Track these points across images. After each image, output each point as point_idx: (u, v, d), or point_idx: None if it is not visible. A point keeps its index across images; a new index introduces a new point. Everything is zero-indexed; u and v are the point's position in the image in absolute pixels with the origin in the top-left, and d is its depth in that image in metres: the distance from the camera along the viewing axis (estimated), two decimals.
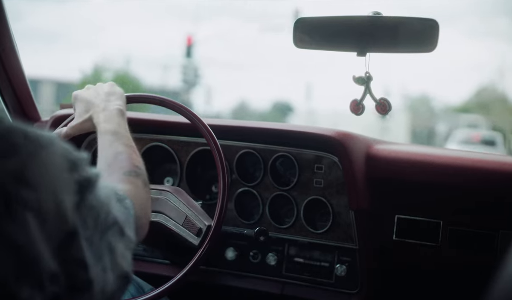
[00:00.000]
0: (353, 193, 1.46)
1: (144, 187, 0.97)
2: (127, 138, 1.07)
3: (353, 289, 1.52)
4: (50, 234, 0.63)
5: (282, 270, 1.59)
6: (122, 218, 0.79)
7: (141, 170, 0.99)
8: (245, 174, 1.61)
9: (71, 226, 0.66)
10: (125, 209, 0.83)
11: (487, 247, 1.42)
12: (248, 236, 1.48)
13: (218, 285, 1.63)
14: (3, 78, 1.69)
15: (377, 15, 1.19)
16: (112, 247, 0.74)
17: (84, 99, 1.18)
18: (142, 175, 0.98)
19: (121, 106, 1.14)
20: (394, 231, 1.50)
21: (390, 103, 1.29)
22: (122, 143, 1.04)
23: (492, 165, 1.44)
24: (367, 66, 1.25)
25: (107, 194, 0.78)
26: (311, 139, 1.52)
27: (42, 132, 0.68)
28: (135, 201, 0.89)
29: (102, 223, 0.73)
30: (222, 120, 1.63)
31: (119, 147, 1.03)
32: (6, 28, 1.65)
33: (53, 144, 0.68)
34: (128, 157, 1.00)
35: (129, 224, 0.82)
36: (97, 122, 1.11)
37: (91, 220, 0.70)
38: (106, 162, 1.00)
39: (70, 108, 1.68)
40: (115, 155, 1.01)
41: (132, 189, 0.93)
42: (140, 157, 1.04)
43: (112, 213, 0.76)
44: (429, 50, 1.19)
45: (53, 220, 0.63)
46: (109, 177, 0.95)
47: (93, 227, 0.70)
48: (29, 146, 0.64)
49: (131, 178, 0.95)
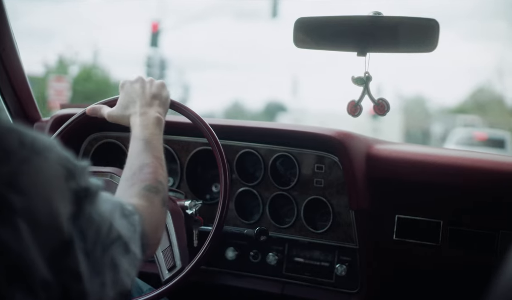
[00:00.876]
0: (354, 192, 1.46)
1: (161, 205, 0.95)
2: (158, 150, 1.05)
3: (353, 289, 1.53)
4: (43, 242, 0.62)
5: (282, 270, 1.59)
6: (127, 234, 0.78)
7: (162, 186, 0.97)
8: (245, 174, 1.61)
9: (67, 236, 0.64)
10: (131, 225, 0.81)
11: (487, 247, 1.42)
12: (248, 235, 1.48)
13: (218, 285, 1.64)
14: (3, 78, 1.69)
15: (377, 15, 1.19)
16: (115, 263, 0.73)
17: (129, 94, 1.16)
18: (162, 192, 0.96)
19: (161, 115, 1.13)
20: (394, 231, 1.50)
21: (388, 104, 1.29)
22: (151, 155, 1.02)
23: (492, 165, 1.44)
24: (367, 67, 1.25)
25: (111, 207, 0.76)
26: (312, 139, 1.52)
27: (40, 137, 0.67)
28: (147, 218, 0.88)
29: (104, 237, 0.72)
30: (222, 120, 1.63)
31: (147, 159, 1.01)
32: (6, 27, 1.65)
33: (49, 150, 0.66)
34: (153, 170, 0.99)
35: (135, 240, 0.80)
36: (133, 124, 1.10)
37: (91, 233, 0.69)
38: (131, 170, 0.99)
39: (70, 108, 1.69)
40: (141, 166, 0.99)
41: (147, 206, 0.91)
42: (166, 172, 1.02)
43: (115, 228, 0.74)
44: (430, 50, 1.19)
45: (47, 228, 0.62)
46: (129, 188, 0.94)
47: (93, 240, 0.69)
48: (23, 151, 0.63)
49: (150, 194, 0.94)
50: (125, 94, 1.17)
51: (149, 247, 0.88)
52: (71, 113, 1.57)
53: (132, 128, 1.10)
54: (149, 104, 1.13)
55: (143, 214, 0.87)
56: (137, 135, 1.07)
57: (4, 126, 0.65)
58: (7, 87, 1.72)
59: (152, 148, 1.04)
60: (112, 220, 0.74)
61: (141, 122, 1.09)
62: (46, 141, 0.67)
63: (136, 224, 0.83)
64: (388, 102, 1.29)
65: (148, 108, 1.12)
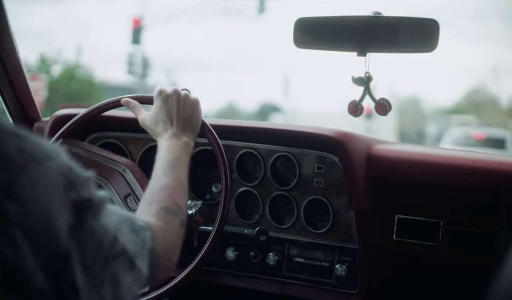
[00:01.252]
0: (353, 193, 1.46)
1: (178, 227, 0.94)
2: (182, 174, 1.05)
3: (353, 289, 1.53)
4: (40, 251, 0.61)
5: (282, 270, 1.59)
6: (134, 249, 0.75)
7: (181, 210, 0.97)
8: (245, 174, 1.61)
9: (64, 247, 0.63)
10: (140, 240, 0.79)
11: (487, 247, 1.42)
12: (248, 236, 1.48)
13: (218, 285, 1.64)
14: (3, 78, 1.69)
15: (378, 15, 1.19)
16: (116, 279, 0.70)
17: (163, 110, 1.17)
18: (180, 215, 0.96)
19: (190, 141, 1.13)
20: (394, 231, 1.50)
21: (390, 104, 1.29)
22: (174, 177, 1.02)
23: (492, 165, 1.45)
24: (367, 67, 1.25)
25: (117, 220, 0.74)
26: (312, 139, 1.52)
27: (42, 144, 0.65)
28: (161, 237, 0.86)
29: (106, 251, 0.70)
30: (222, 120, 1.63)
31: (169, 181, 1.01)
32: (6, 28, 1.65)
33: (50, 159, 0.64)
34: (172, 193, 0.98)
35: (142, 256, 0.78)
36: (160, 146, 1.11)
37: (91, 245, 0.67)
38: (151, 191, 0.99)
39: (70, 108, 1.68)
40: (162, 187, 0.99)
41: (164, 226, 0.90)
42: (187, 196, 1.02)
43: (120, 242, 0.72)
44: (430, 50, 1.19)
45: (44, 238, 0.61)
46: (146, 207, 0.94)
47: (94, 253, 0.67)
48: (22, 158, 0.62)
49: (167, 215, 0.93)
50: (159, 109, 1.17)
51: (162, 269, 0.86)
52: (71, 113, 1.58)
53: (159, 149, 1.10)
54: (180, 128, 1.14)
55: (157, 232, 0.85)
56: (162, 158, 1.07)
57: (4, 130, 0.63)
58: (7, 88, 1.72)
59: (176, 171, 1.04)
60: (118, 234, 0.72)
61: (168, 146, 1.09)
62: (48, 148, 0.66)
63: (146, 239, 0.80)
64: (389, 102, 1.29)
65: (179, 132, 1.13)
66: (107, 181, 1.39)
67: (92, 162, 1.40)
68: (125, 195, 1.36)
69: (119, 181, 1.38)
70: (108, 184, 1.38)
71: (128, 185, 1.37)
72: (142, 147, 1.64)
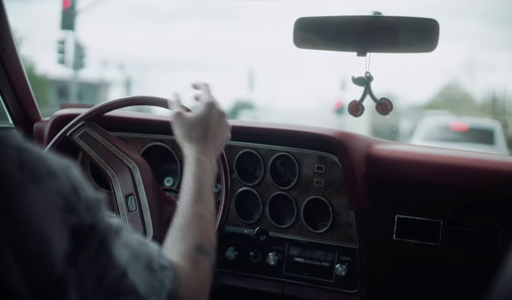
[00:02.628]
0: (353, 192, 1.46)
1: (208, 268, 0.86)
2: (211, 203, 0.96)
3: (353, 289, 1.53)
4: (32, 273, 0.58)
5: (282, 270, 1.59)
6: (146, 290, 0.69)
7: (212, 247, 0.89)
8: (245, 174, 1.61)
9: (59, 272, 0.59)
10: (158, 281, 0.72)
11: (487, 247, 1.42)
12: (248, 235, 1.48)
13: (218, 285, 1.63)
14: (3, 78, 1.69)
15: (377, 15, 1.20)
16: None
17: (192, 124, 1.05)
18: (211, 253, 0.88)
19: (215, 162, 1.04)
20: (394, 231, 1.50)
21: (392, 103, 1.29)
22: (204, 207, 0.93)
23: (492, 165, 1.45)
24: (368, 67, 1.26)
25: (130, 255, 0.69)
26: (312, 139, 1.52)
27: (47, 161, 0.62)
28: (186, 280, 0.79)
29: (110, 285, 0.65)
30: None
31: (202, 210, 0.92)
32: (6, 28, 1.65)
33: (52, 178, 0.61)
34: (205, 226, 0.90)
35: (157, 299, 0.71)
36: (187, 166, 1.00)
37: (91, 274, 0.63)
38: (185, 217, 0.90)
39: (71, 108, 1.68)
40: (195, 216, 0.91)
41: (192, 268, 0.82)
42: (215, 229, 0.95)
43: (128, 279, 0.67)
44: (429, 50, 1.19)
45: (37, 260, 0.58)
46: (179, 243, 0.86)
47: (94, 285, 0.63)
48: (20, 177, 0.59)
49: (198, 256, 0.85)
50: (204, 121, 1.06)
51: None
52: (71, 113, 1.58)
53: (190, 164, 1.00)
54: (214, 150, 1.05)
55: (183, 275, 0.78)
56: (196, 180, 0.97)
57: (6, 143, 0.60)
58: (7, 87, 1.72)
59: (208, 199, 0.95)
60: (128, 269, 0.67)
61: (196, 170, 0.98)
62: (53, 165, 0.62)
63: (166, 281, 0.74)
64: (391, 101, 1.29)
65: (212, 154, 1.04)
66: (116, 174, 1.38)
67: (105, 151, 1.39)
68: (127, 194, 1.36)
69: (126, 178, 1.37)
70: (116, 177, 1.37)
71: (133, 184, 1.36)
72: (142, 147, 1.64)
